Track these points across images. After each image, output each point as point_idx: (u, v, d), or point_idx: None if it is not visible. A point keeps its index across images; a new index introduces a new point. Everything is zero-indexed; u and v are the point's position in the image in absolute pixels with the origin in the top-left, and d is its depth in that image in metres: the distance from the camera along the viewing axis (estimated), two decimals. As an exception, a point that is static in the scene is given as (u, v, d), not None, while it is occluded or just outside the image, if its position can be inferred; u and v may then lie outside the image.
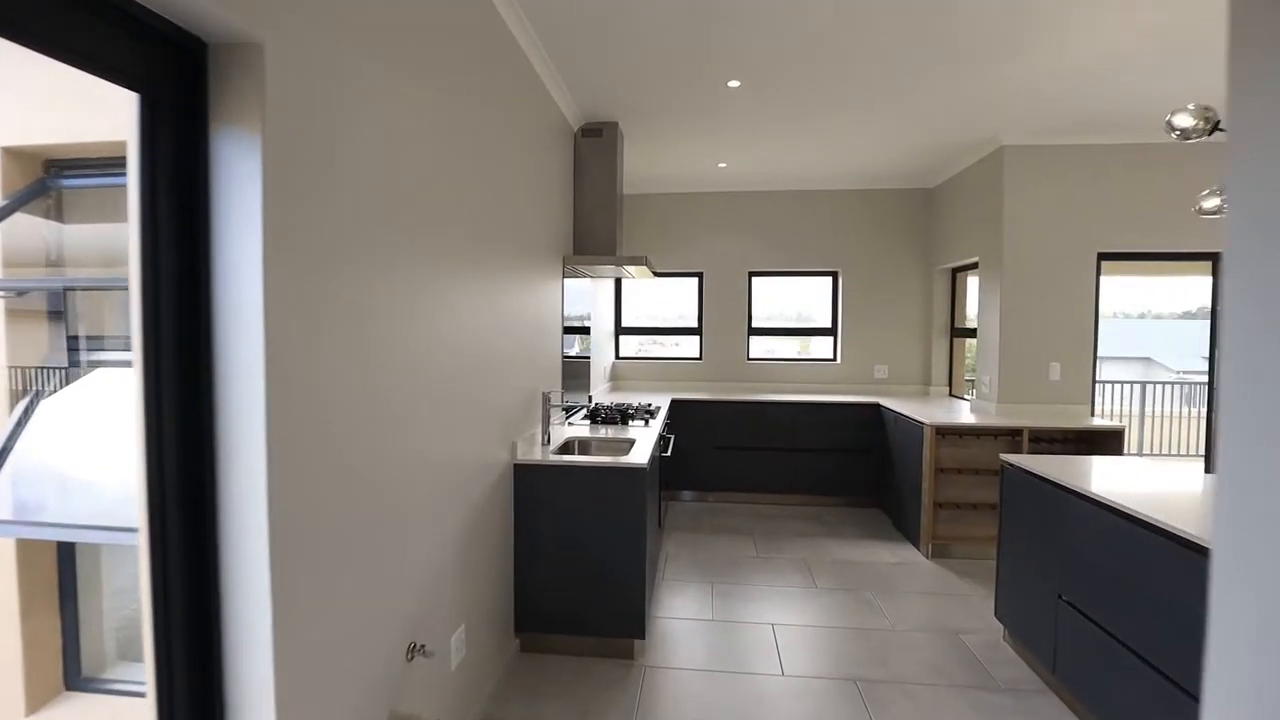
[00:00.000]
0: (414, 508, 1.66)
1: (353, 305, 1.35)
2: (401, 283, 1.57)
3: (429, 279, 1.73)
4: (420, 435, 1.69)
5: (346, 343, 1.33)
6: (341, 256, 1.32)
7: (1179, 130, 2.22)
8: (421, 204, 1.69)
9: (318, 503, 1.24)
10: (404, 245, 1.58)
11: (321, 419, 1.24)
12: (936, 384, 5.23)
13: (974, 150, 4.21)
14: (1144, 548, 1.88)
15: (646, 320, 5.70)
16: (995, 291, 4.09)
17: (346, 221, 1.33)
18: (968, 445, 3.86)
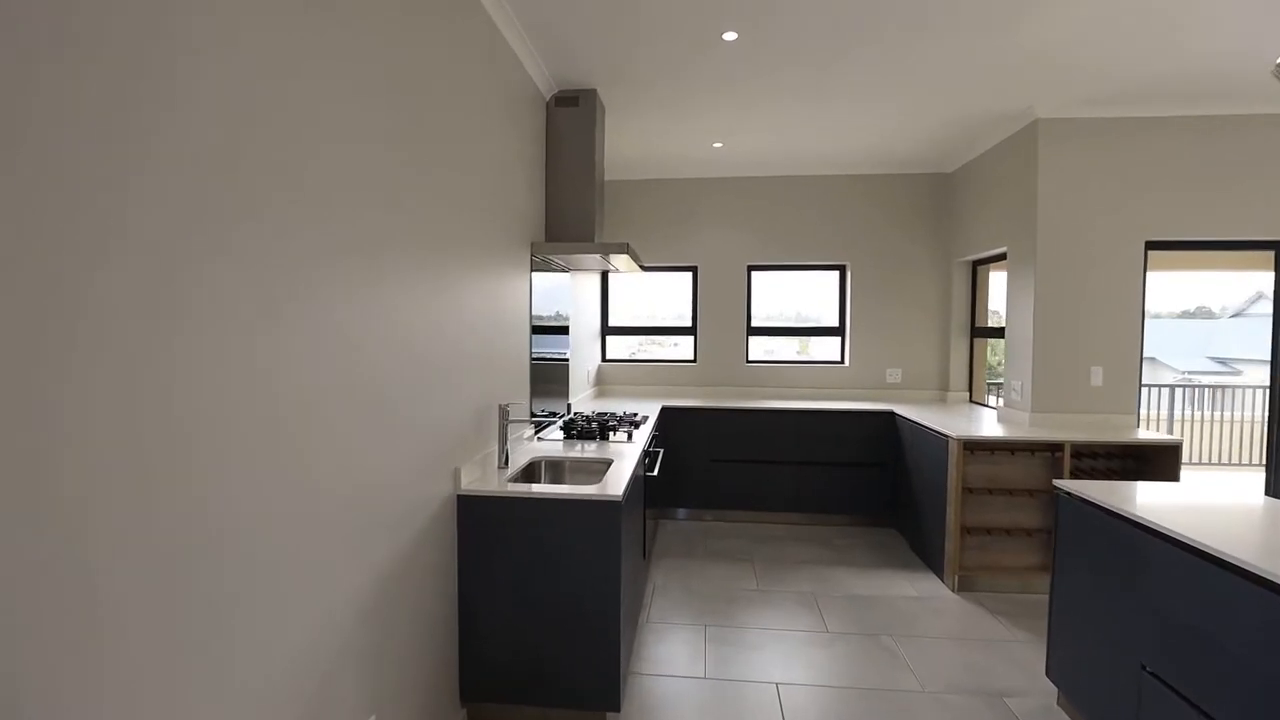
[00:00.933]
0: (281, 577, 1.17)
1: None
2: (253, 272, 1.08)
3: (317, 264, 1.25)
4: (295, 472, 1.20)
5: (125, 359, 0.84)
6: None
7: (1296, 75, 1.73)
8: (321, 162, 1.20)
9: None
10: (266, 218, 1.09)
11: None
12: (955, 389, 4.74)
13: (1004, 125, 3.71)
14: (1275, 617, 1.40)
15: (645, 320, 5.21)
16: (1028, 286, 3.60)
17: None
18: (999, 462, 3.37)
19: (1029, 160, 3.57)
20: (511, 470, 2.35)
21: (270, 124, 1.14)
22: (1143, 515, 1.83)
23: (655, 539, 3.90)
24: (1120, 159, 3.47)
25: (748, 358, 4.96)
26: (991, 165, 4.06)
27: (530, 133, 2.95)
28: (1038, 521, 3.37)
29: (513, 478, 2.29)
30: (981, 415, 4.01)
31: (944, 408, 4.35)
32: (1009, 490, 3.34)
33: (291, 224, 1.20)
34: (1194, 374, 16.67)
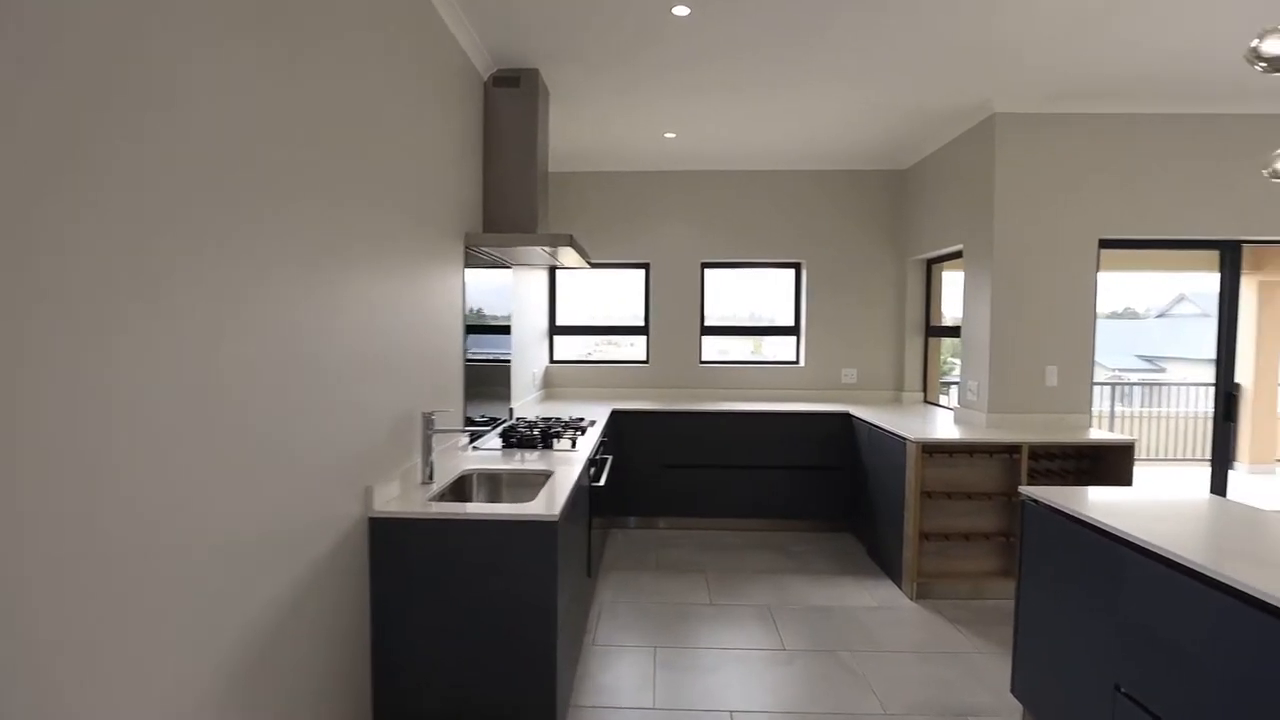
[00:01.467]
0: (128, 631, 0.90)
1: None
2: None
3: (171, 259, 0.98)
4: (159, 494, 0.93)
5: None
6: None
7: (1267, 60, 1.63)
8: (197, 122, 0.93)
9: None
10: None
11: None
12: (910, 389, 4.69)
13: (961, 119, 3.64)
14: (1264, 637, 1.28)
15: (602, 321, 4.97)
16: (984, 284, 3.53)
17: None
18: (957, 464, 3.28)
19: (986, 155, 3.50)
20: (437, 486, 2.09)
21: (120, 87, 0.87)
22: (1113, 524, 1.71)
23: (604, 551, 3.69)
24: (1076, 155, 3.43)
25: (701, 358, 4.79)
26: (948, 161, 3.99)
27: (464, 113, 2.69)
28: (996, 525, 3.30)
29: (438, 495, 2.03)
30: (937, 416, 3.94)
31: (899, 408, 4.27)
32: (968, 494, 3.26)
33: (134, 207, 0.93)
34: (1124, 371, 17.52)
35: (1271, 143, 3.08)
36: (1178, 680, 1.50)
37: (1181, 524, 1.74)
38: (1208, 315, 7.10)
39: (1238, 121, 3.38)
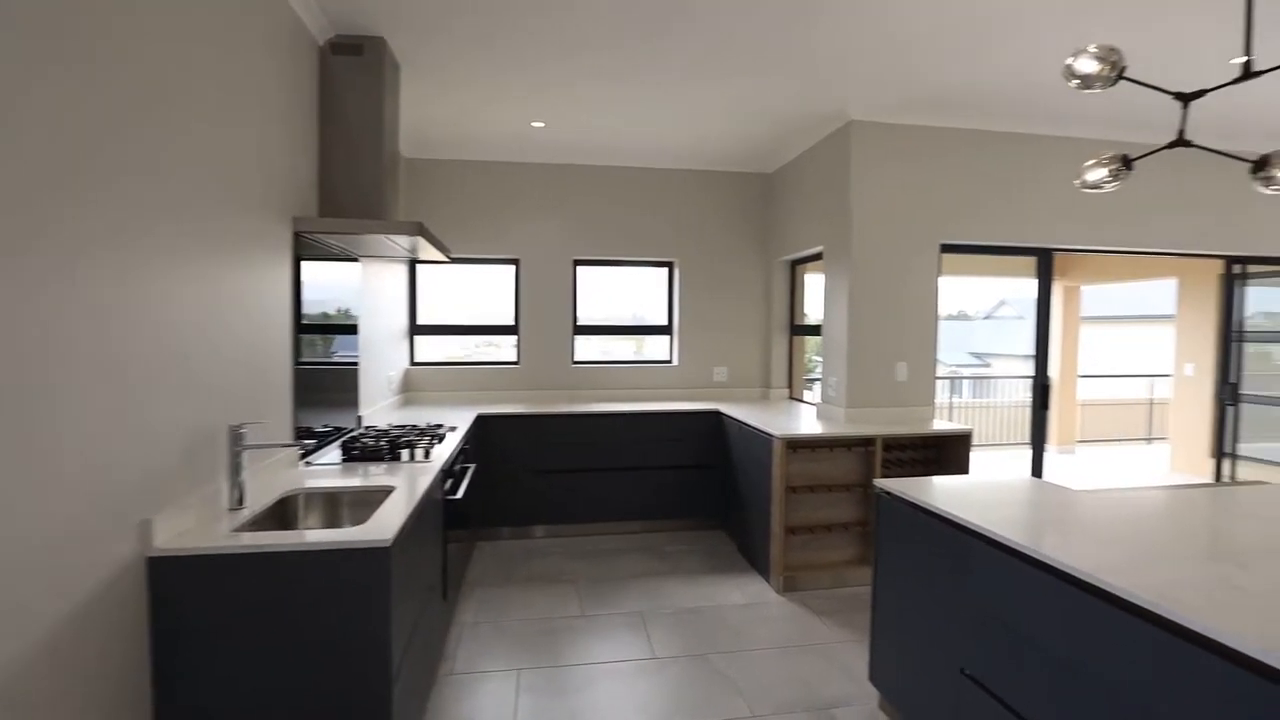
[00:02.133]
0: None
1: None
2: None
3: None
4: None
5: None
6: None
7: (1080, 77, 1.77)
8: None
9: None
10: None
11: None
12: (777, 386, 4.84)
13: (820, 125, 3.77)
14: (1089, 617, 1.35)
15: (474, 319, 4.65)
16: (842, 285, 3.69)
17: None
18: (819, 459, 3.39)
19: (843, 161, 3.65)
20: (249, 512, 1.77)
21: None
22: (953, 511, 1.78)
23: (466, 569, 3.43)
24: (922, 165, 3.66)
25: (574, 358, 4.64)
26: (809, 165, 4.14)
27: (293, 80, 2.35)
28: (853, 515, 3.45)
29: (249, 523, 1.72)
30: (801, 412, 4.07)
31: (767, 405, 4.39)
32: (828, 486, 3.37)
33: None
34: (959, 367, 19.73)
35: (1081, 161, 3.47)
36: (1011, 658, 1.57)
37: (1009, 509, 1.85)
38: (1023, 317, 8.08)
39: (1055, 141, 3.79)
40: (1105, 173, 2.09)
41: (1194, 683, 1.12)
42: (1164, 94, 1.83)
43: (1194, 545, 1.57)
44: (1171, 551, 1.49)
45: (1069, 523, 1.74)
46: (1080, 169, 2.15)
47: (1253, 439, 4.90)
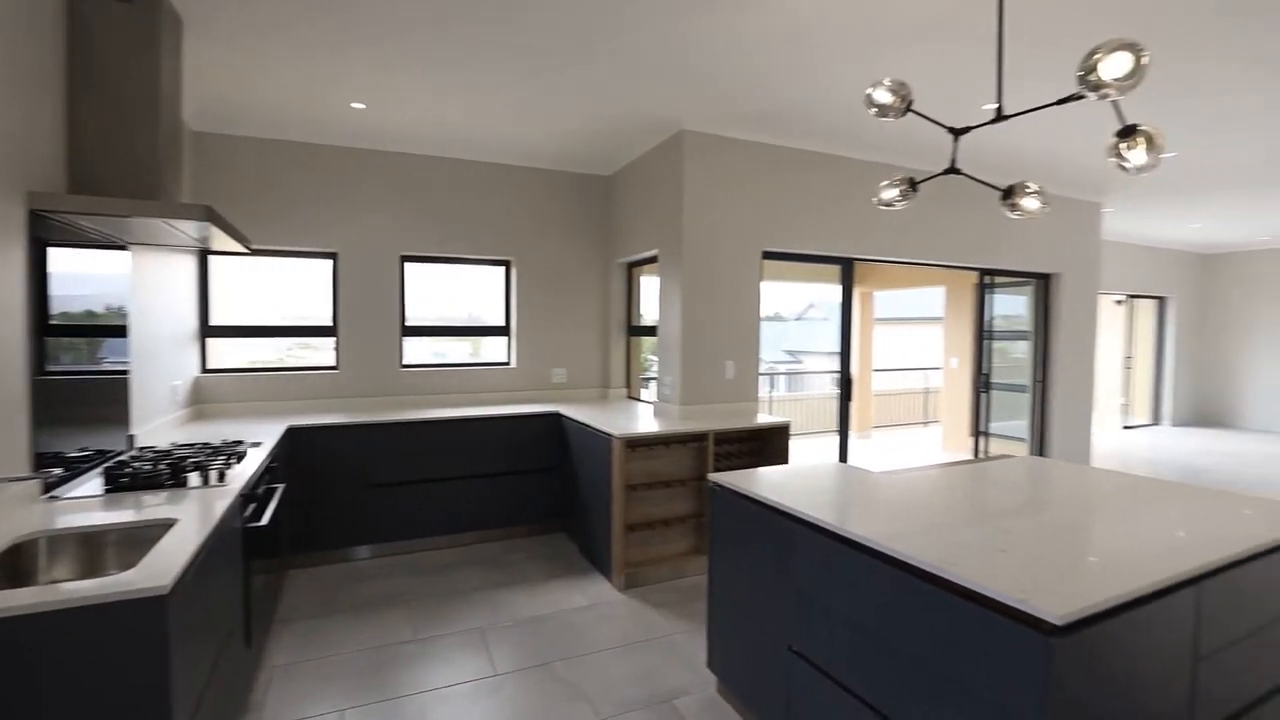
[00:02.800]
0: None
1: None
2: None
3: None
4: None
5: None
6: None
7: (878, 106, 2.00)
8: None
9: None
10: None
11: None
12: (615, 386, 4.92)
13: (653, 133, 3.88)
14: (896, 589, 1.52)
15: (280, 319, 4.10)
16: (676, 288, 3.84)
17: None
18: (657, 456, 3.49)
19: (675, 169, 3.80)
20: (-37, 567, 1.39)
21: None
22: (777, 499, 1.92)
23: (278, 603, 3.04)
24: (748, 177, 3.93)
25: (403, 361, 4.33)
26: (644, 171, 4.25)
27: (25, 23, 1.89)
28: (690, 509, 3.60)
29: (-38, 581, 1.35)
30: (639, 411, 4.17)
31: (606, 405, 4.44)
32: (666, 482, 3.49)
33: None
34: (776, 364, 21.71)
35: (877, 181, 3.94)
36: (829, 630, 1.72)
37: (821, 493, 2.04)
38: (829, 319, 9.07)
39: (859, 164, 4.28)
40: (897, 193, 2.39)
41: (972, 634, 1.31)
42: (941, 128, 2.13)
43: (963, 513, 1.84)
44: (948, 519, 1.74)
45: (868, 501, 1.95)
46: (878, 188, 2.42)
47: (999, 419, 5.95)
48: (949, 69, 2.88)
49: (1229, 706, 1.56)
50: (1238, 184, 5.27)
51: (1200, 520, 1.77)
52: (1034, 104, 1.96)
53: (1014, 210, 2.26)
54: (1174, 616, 1.39)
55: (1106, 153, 1.86)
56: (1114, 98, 1.49)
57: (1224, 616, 1.51)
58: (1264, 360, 8.87)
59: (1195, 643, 1.45)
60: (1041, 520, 1.78)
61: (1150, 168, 1.81)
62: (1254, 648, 1.60)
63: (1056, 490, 2.15)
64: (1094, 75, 1.47)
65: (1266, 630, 1.64)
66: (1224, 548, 1.52)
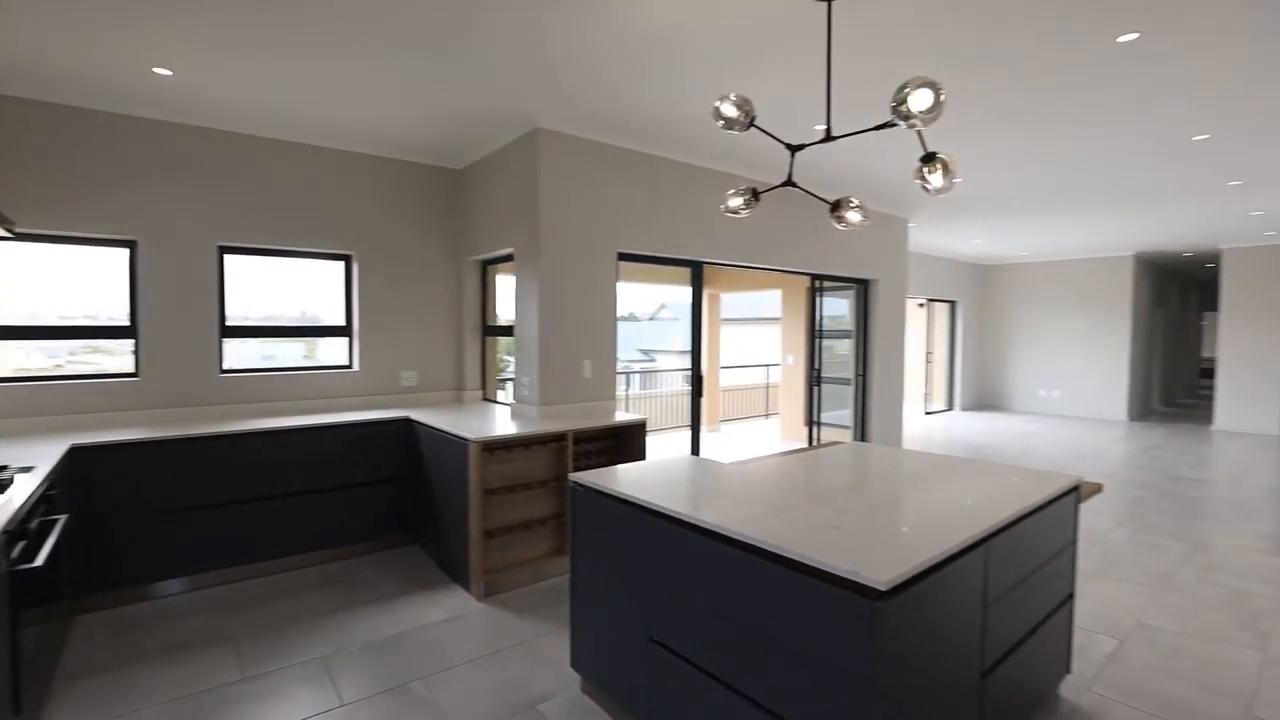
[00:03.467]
0: None
1: None
2: None
3: None
4: None
5: None
6: None
7: (724, 119, 2.13)
8: None
9: None
10: None
11: None
12: (470, 388, 4.76)
13: (508, 128, 3.81)
14: (746, 570, 1.64)
15: (58, 318, 3.41)
16: (533, 287, 3.80)
17: None
18: (516, 458, 3.43)
19: (532, 167, 3.75)
20: None
21: None
22: (635, 494, 1.98)
23: (62, 656, 2.56)
24: (604, 178, 3.98)
25: (222, 367, 3.84)
26: (499, 166, 4.15)
27: None
28: (550, 510, 3.58)
29: None
30: (496, 413, 4.07)
31: (461, 408, 4.27)
32: (526, 484, 3.44)
33: None
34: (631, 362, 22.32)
35: (725, 189, 4.19)
36: (686, 617, 1.81)
37: (675, 486, 2.14)
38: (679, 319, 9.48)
39: (708, 173, 4.50)
40: (741, 201, 2.56)
41: (813, 605, 1.44)
42: (780, 144, 2.32)
43: (801, 495, 2.03)
44: (789, 502, 1.90)
45: (718, 490, 2.08)
46: (725, 196, 2.58)
47: (829, 409, 6.60)
48: (788, 91, 3.14)
49: (1008, 642, 1.87)
50: (1005, 210, 6.32)
51: (984, 490, 2.10)
52: (857, 128, 2.20)
53: (840, 222, 2.52)
54: (970, 572, 1.64)
55: (913, 175, 2.14)
56: (919, 127, 1.72)
57: (1004, 568, 1.81)
58: (1025, 355, 10.75)
59: (985, 592, 1.72)
60: (865, 498, 2.01)
61: (946, 189, 2.12)
62: (1023, 593, 1.94)
63: (876, 471, 2.43)
64: (904, 106, 1.69)
65: (1030, 577, 1.98)
66: (1003, 511, 1.82)
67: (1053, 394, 10.41)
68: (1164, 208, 6.33)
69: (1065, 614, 2.26)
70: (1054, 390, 10.40)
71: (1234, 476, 5.98)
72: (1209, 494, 5.33)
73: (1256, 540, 4.13)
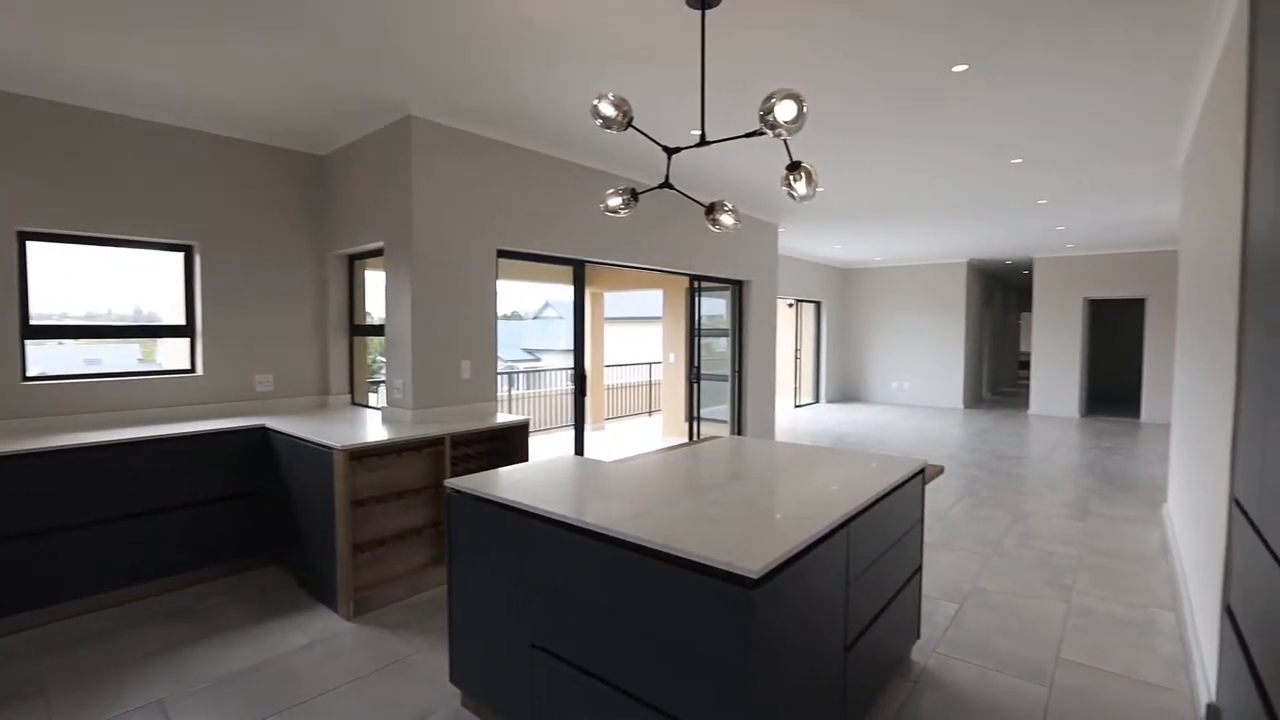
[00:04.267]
0: None
1: None
2: None
3: None
4: None
5: None
6: None
7: (602, 118, 2.14)
8: None
9: None
10: None
11: None
12: (337, 392, 4.43)
13: (377, 114, 3.58)
14: (627, 569, 1.65)
15: None
16: (405, 284, 3.60)
17: None
18: (388, 466, 3.23)
19: (403, 156, 3.55)
20: None
21: None
22: (515, 498, 1.94)
23: None
24: (482, 173, 3.84)
25: (25, 373, 3.28)
26: (367, 154, 3.89)
27: None
28: (427, 518, 3.42)
29: None
30: (366, 418, 3.81)
31: (327, 414, 3.96)
32: (399, 493, 3.26)
33: None
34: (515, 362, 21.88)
35: (605, 188, 4.20)
36: (570, 620, 1.79)
37: (557, 487, 2.12)
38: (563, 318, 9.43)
39: (590, 172, 4.49)
40: (620, 201, 2.57)
41: (692, 598, 1.48)
42: (657, 145, 2.36)
43: (680, 490, 2.08)
44: (668, 497, 1.94)
45: (600, 490, 2.09)
46: (604, 196, 2.59)
47: (709, 405, 6.85)
48: (665, 94, 3.21)
49: (868, 615, 2.04)
50: (860, 218, 6.90)
51: (846, 476, 2.27)
52: (729, 134, 2.29)
53: (715, 225, 2.61)
54: (835, 553, 1.76)
55: (780, 182, 2.27)
56: (784, 136, 1.83)
57: (863, 547, 1.96)
58: (880, 350, 11.80)
59: (847, 570, 1.86)
60: (740, 489, 2.10)
61: (810, 197, 2.26)
62: (880, 568, 2.12)
63: (750, 463, 2.56)
64: (770, 116, 1.78)
65: (886, 554, 2.17)
66: (861, 496, 1.98)
67: (904, 385, 11.52)
68: (990, 221, 7.21)
69: (915, 585, 2.50)
70: (905, 382, 11.51)
71: (1044, 454, 6.94)
72: (1026, 470, 6.15)
73: (1059, 508, 4.81)
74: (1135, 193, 5.67)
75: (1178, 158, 4.45)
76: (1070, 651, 2.66)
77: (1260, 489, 1.48)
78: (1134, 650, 2.67)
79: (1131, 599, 3.18)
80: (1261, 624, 1.62)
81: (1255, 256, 1.82)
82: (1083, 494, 5.23)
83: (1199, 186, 3.57)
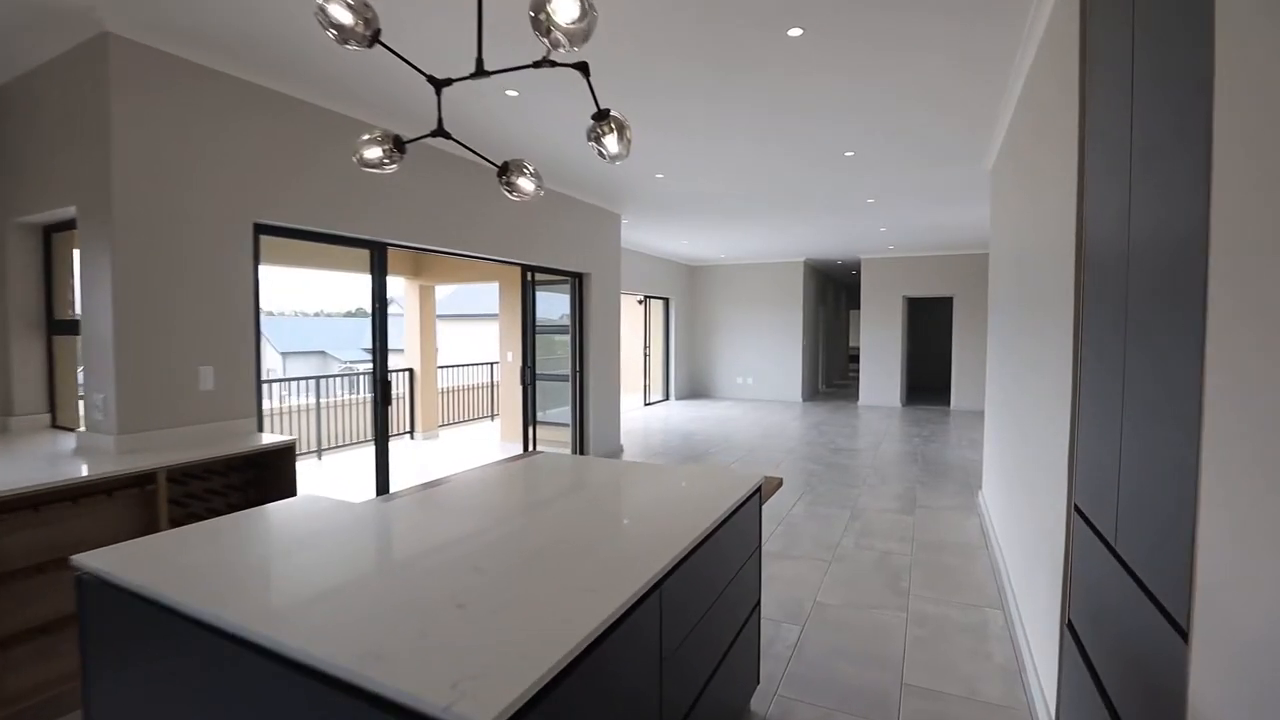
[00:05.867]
0: None
1: None
2: None
3: None
4: None
5: None
6: None
7: (336, 27, 1.49)
8: None
9: None
10: None
11: None
12: (26, 411, 3.27)
13: (59, 27, 2.57)
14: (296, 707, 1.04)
15: None
16: (104, 261, 2.64)
17: None
18: (63, 518, 2.29)
19: (99, 90, 2.59)
20: None
21: None
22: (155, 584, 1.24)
23: None
24: (223, 121, 2.94)
25: None
26: (52, 85, 2.84)
27: None
28: (135, 581, 2.50)
29: None
30: (59, 449, 2.78)
31: (5, 441, 2.85)
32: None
33: None
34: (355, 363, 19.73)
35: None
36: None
37: (239, 557, 1.44)
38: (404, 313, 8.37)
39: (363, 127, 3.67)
40: (381, 153, 1.93)
41: None
42: (421, 74, 1.75)
43: (435, 547, 1.49)
44: (414, 562, 1.35)
45: (306, 561, 1.44)
46: (356, 145, 1.92)
47: (552, 406, 6.29)
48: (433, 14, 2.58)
49: (690, 695, 1.59)
50: (702, 212, 6.70)
51: (668, 508, 1.82)
52: (514, 65, 1.73)
53: (511, 190, 2.06)
54: (640, 632, 1.28)
55: (588, 136, 1.77)
56: (565, 47, 1.31)
57: (683, 608, 1.51)
58: (725, 347, 11.97)
59: (661, 646, 1.38)
60: (520, 545, 1.53)
61: (622, 156, 1.79)
62: (705, 628, 1.68)
63: (550, 493, 2.03)
64: (543, 14, 1.25)
65: (712, 607, 1.74)
66: (681, 540, 1.52)
67: (748, 381, 11.76)
68: (823, 220, 7.36)
69: (754, 623, 2.13)
70: (749, 378, 11.75)
71: (873, 444, 7.22)
72: (859, 461, 6.29)
73: (891, 501, 4.87)
74: (948, 194, 5.97)
75: (987, 161, 4.63)
76: (913, 673, 2.45)
77: (1099, 492, 1.22)
78: (972, 661, 2.52)
79: (962, 598, 3.11)
80: (1108, 638, 1.42)
81: (1092, 255, 1.65)
82: (910, 485, 5.38)
83: (1008, 189, 3.64)
